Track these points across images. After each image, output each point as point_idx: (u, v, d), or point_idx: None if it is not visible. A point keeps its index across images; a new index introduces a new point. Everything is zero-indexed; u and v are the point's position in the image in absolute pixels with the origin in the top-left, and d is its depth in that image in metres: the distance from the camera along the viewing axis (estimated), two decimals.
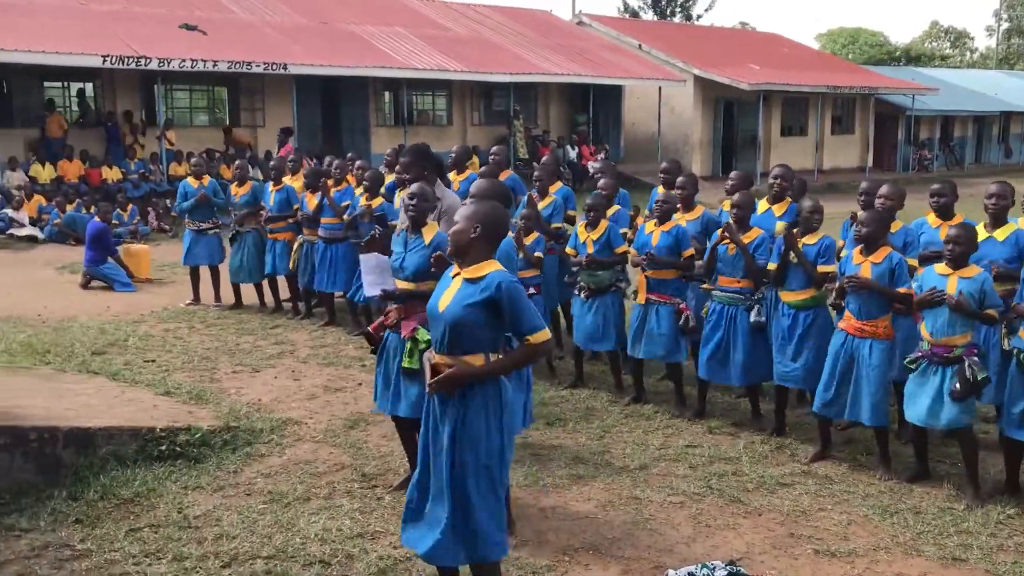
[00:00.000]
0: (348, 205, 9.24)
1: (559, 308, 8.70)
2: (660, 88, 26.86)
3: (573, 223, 8.38)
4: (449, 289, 3.86)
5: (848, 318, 5.77)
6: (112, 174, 18.22)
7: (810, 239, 6.13)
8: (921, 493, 5.52)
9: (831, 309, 6.30)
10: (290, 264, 9.76)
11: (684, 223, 7.07)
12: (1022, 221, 6.07)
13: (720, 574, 4.35)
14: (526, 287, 7.20)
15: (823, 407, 5.89)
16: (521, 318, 3.73)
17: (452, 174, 9.31)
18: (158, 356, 8.27)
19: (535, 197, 8.14)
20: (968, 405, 5.30)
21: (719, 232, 6.52)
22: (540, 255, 7.33)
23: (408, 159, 6.29)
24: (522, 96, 25.73)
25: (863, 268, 5.65)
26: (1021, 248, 5.80)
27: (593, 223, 7.23)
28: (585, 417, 6.89)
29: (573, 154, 25.53)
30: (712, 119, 29.11)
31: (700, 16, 49.55)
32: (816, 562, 4.69)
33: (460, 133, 25.52)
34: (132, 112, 20.11)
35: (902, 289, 5.53)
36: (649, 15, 48.37)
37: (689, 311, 6.82)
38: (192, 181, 10.63)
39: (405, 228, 5.16)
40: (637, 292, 7.05)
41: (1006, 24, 70.96)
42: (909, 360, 5.47)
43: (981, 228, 5.93)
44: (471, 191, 5.02)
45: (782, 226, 6.73)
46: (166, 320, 9.89)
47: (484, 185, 5.05)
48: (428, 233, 5.04)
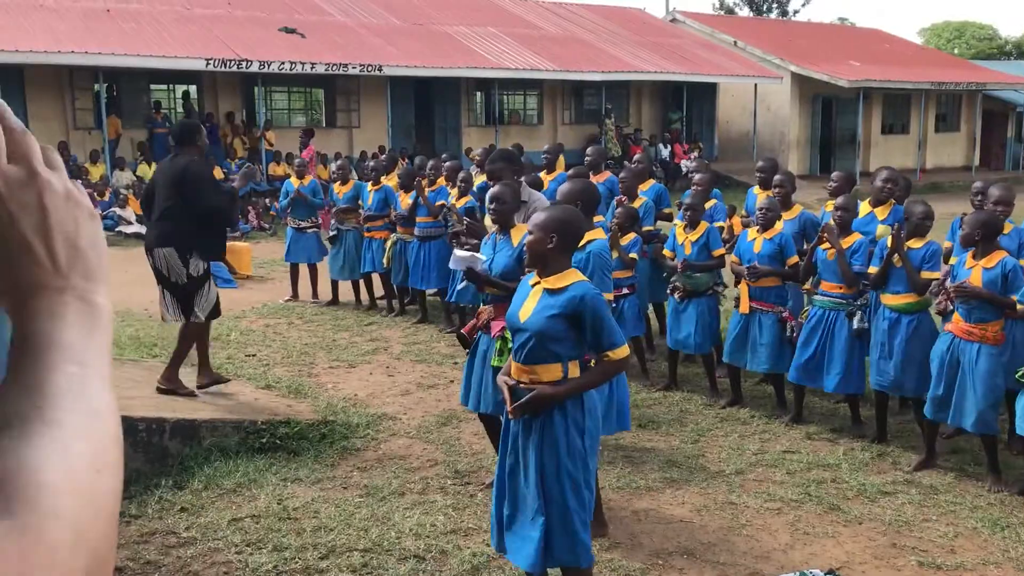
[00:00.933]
0: (443, 205, 9.34)
1: (651, 310, 8.61)
2: (756, 85, 26.38)
3: (669, 219, 8.29)
4: (530, 298, 3.80)
5: (957, 320, 5.54)
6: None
7: (916, 243, 5.89)
8: None
9: (935, 316, 6.06)
10: (384, 261, 9.92)
11: (783, 223, 6.91)
12: None
13: None
14: (620, 288, 7.22)
15: (933, 411, 5.67)
16: (601, 333, 3.65)
17: (543, 173, 9.35)
18: (258, 351, 8.51)
19: (623, 201, 8.08)
20: None
21: (819, 234, 6.36)
22: (635, 256, 7.27)
23: (493, 165, 6.36)
24: (613, 95, 25.59)
25: (974, 273, 5.43)
26: None
27: (692, 223, 7.14)
28: (679, 420, 6.81)
29: (666, 152, 25.27)
30: (809, 117, 28.41)
31: (797, 12, 48.58)
32: (920, 575, 4.53)
33: (551, 132, 25.53)
34: (233, 113, 20.74)
35: (1014, 298, 5.28)
36: (745, 11, 47.64)
37: (793, 319, 6.66)
38: (294, 180, 10.92)
39: (494, 231, 5.19)
40: (738, 299, 6.91)
41: None
42: (1020, 374, 5.22)
43: None
44: (558, 193, 5.01)
45: (883, 229, 6.52)
46: (266, 316, 10.17)
47: (571, 187, 5.01)
48: (516, 235, 5.04)
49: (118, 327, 9.24)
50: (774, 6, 48.36)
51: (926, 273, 5.82)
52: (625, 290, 7.28)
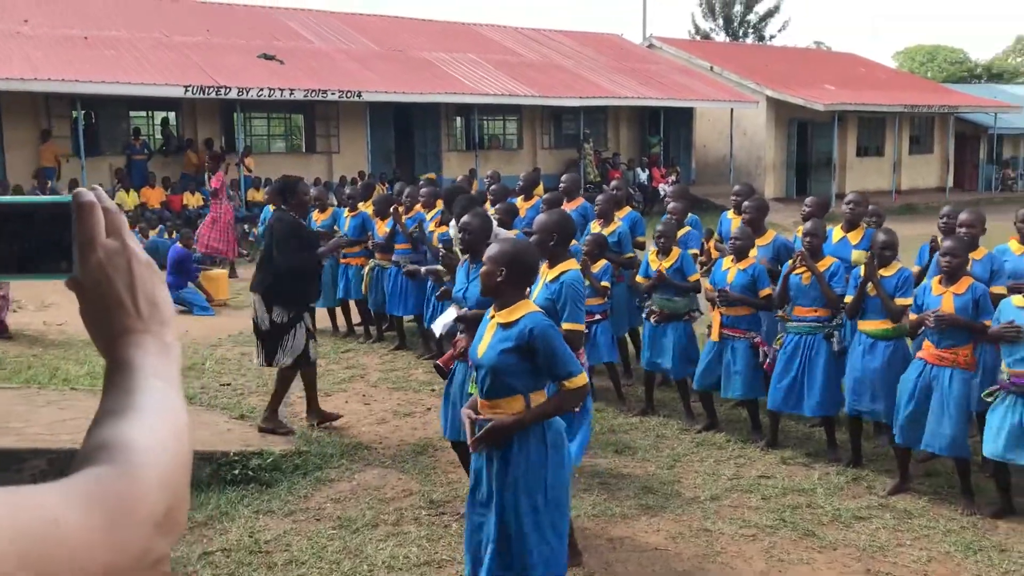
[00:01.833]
0: (419, 226, 9.33)
1: (627, 336, 8.63)
2: (732, 110, 26.62)
3: (643, 249, 8.33)
4: (486, 333, 3.82)
5: (927, 347, 5.59)
6: (193, 200, 18.75)
7: (888, 271, 5.93)
8: (1007, 529, 5.31)
9: (909, 340, 6.10)
10: (363, 288, 9.89)
11: (756, 249, 6.96)
12: None
13: None
14: (592, 315, 7.24)
15: (903, 437, 5.71)
16: (555, 362, 3.65)
17: (519, 200, 9.37)
18: (233, 380, 8.45)
19: (599, 225, 8.12)
20: None
21: (791, 261, 6.40)
22: (607, 284, 7.29)
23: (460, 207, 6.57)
24: (592, 119, 25.75)
25: (945, 299, 5.48)
26: None
27: (664, 250, 7.17)
28: (655, 445, 6.81)
29: (644, 177, 25.42)
30: (785, 140, 28.69)
31: (773, 37, 49.18)
32: None
33: (530, 157, 25.65)
34: (212, 139, 20.71)
35: (987, 322, 5.33)
36: (721, 37, 48.15)
37: (766, 345, 6.69)
38: (273, 208, 10.89)
39: (467, 258, 5.21)
40: (711, 326, 6.94)
41: None
42: (987, 392, 5.27)
43: None
44: (534, 224, 5.03)
45: (858, 255, 6.57)
46: (242, 344, 10.10)
47: (546, 219, 5.03)
48: None
49: (92, 356, 9.16)
50: (750, 31, 48.97)
51: (900, 300, 5.86)
52: (598, 316, 7.31)
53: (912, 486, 5.92)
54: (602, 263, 7.33)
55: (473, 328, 5.15)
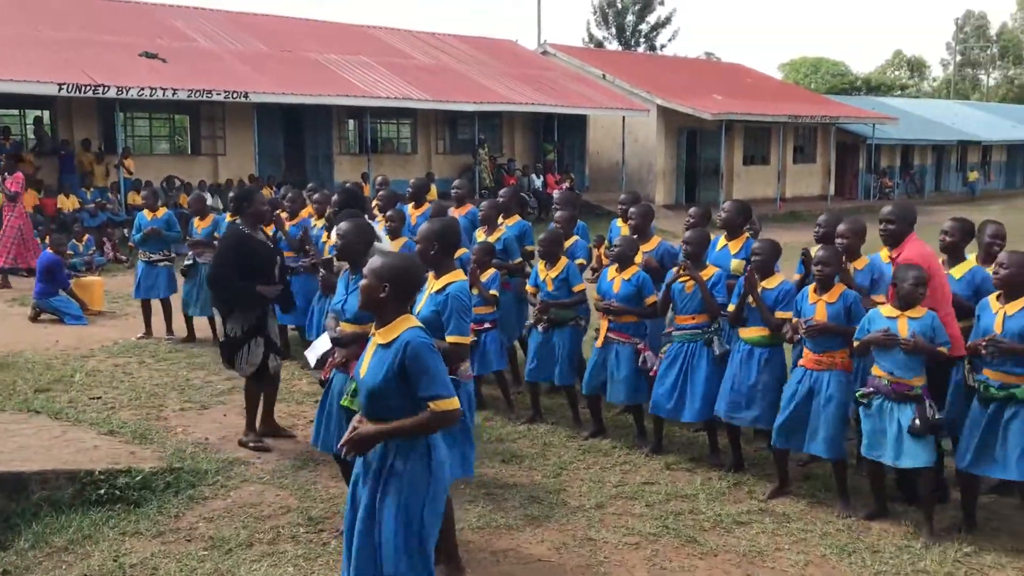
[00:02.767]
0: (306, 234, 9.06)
1: (516, 343, 8.58)
2: (624, 118, 27.02)
3: (532, 257, 8.29)
4: (367, 353, 3.67)
5: (807, 354, 5.71)
6: (68, 203, 17.90)
7: (770, 283, 6.02)
8: (879, 531, 5.44)
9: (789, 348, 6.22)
10: None
11: (641, 255, 7.00)
12: (973, 255, 6.05)
13: None
14: (482, 323, 7.16)
15: (781, 440, 5.80)
16: (421, 381, 3.50)
17: (410, 207, 9.22)
18: (104, 393, 8.03)
19: (483, 232, 8.06)
20: (930, 445, 5.23)
21: (675, 270, 6.45)
22: (495, 292, 7.22)
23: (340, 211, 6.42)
24: (487, 125, 25.76)
25: (818, 308, 5.60)
26: (977, 286, 5.69)
27: (551, 260, 7.14)
28: (542, 454, 6.76)
29: (539, 183, 25.55)
30: (675, 149, 29.32)
31: (664, 46, 50.31)
32: None
33: (425, 161, 25.49)
34: (90, 140, 19.84)
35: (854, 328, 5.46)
36: (613, 45, 48.97)
37: (648, 351, 6.72)
38: (147, 213, 10.46)
39: (347, 268, 5.05)
40: (598, 331, 6.95)
41: (959, 56, 72.76)
42: (860, 394, 5.41)
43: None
44: (418, 233, 4.89)
45: (737, 264, 6.66)
46: (116, 355, 9.65)
47: (428, 228, 4.88)
48: None
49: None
50: (642, 41, 49.95)
51: (780, 314, 5.93)
52: (487, 325, 7.23)
53: (791, 489, 6.03)
54: (490, 272, 7.26)
55: (348, 345, 5.00)
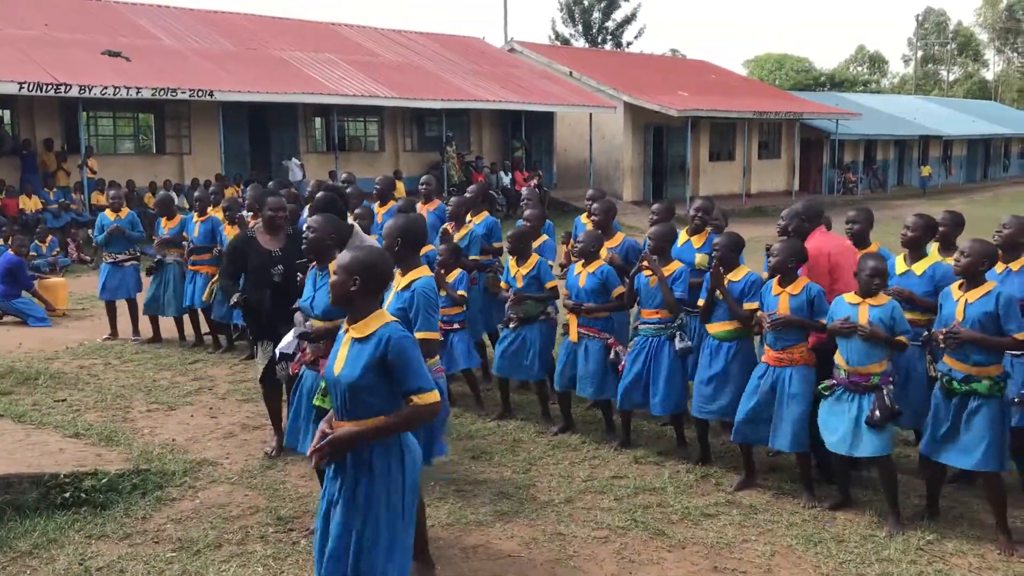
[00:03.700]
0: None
1: (486, 338, 8.60)
2: (591, 115, 27.10)
3: (500, 254, 8.32)
4: (342, 349, 3.63)
5: (767, 350, 5.78)
6: (31, 204, 17.65)
7: (735, 275, 6.08)
8: (844, 521, 5.52)
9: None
10: (204, 296, 9.45)
11: (606, 251, 7.04)
12: (934, 250, 6.14)
13: None
14: (451, 324, 7.17)
15: (743, 435, 5.87)
16: (406, 375, 3.51)
17: (376, 205, 9.20)
18: (69, 395, 7.94)
19: (451, 228, 8.06)
20: (887, 434, 5.32)
21: (640, 262, 6.50)
22: (463, 293, 7.24)
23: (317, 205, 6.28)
24: (455, 122, 25.72)
25: (781, 300, 5.67)
26: (938, 282, 5.74)
27: (522, 256, 7.17)
28: (511, 450, 6.78)
29: (507, 180, 25.57)
30: (642, 145, 29.47)
31: (630, 43, 50.53)
32: None
33: (392, 159, 25.40)
34: (53, 140, 19.56)
35: (822, 320, 5.54)
36: (580, 42, 49.09)
37: (619, 345, 6.76)
38: (110, 214, 10.35)
39: (314, 266, 5.04)
40: (567, 326, 6.98)
41: (920, 52, 73.85)
42: (823, 386, 5.49)
43: (901, 261, 5.96)
44: (383, 229, 4.88)
45: (701, 258, 6.73)
46: (81, 356, 9.54)
47: (393, 224, 4.88)
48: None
49: None
50: (608, 38, 50.13)
51: (747, 304, 6.00)
52: (456, 325, 7.25)
53: (758, 481, 6.10)
54: (456, 272, 7.27)
55: (318, 341, 4.99)
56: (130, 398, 7.93)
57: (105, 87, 17.56)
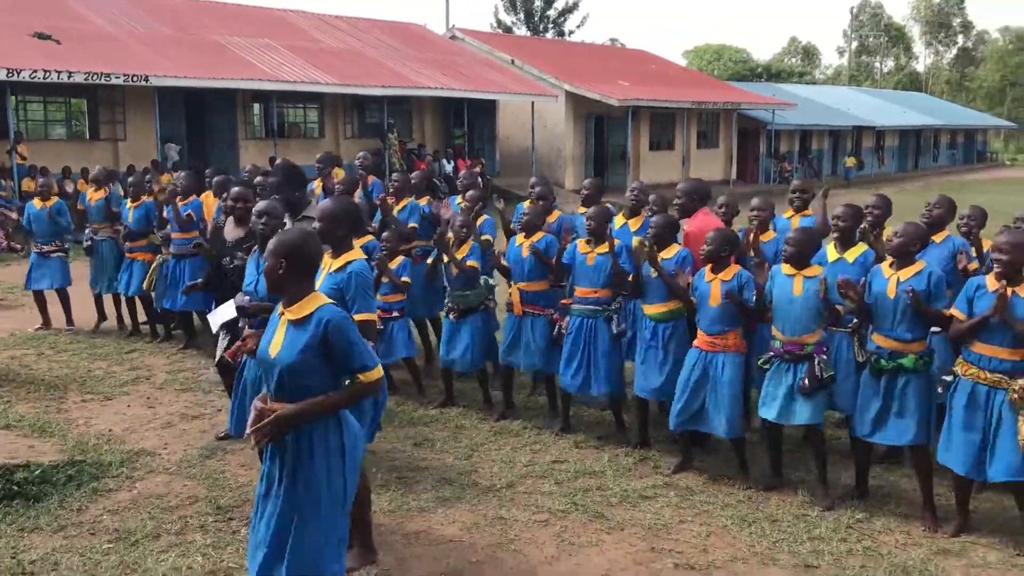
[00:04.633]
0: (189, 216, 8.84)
1: (428, 322, 8.62)
2: (533, 103, 27.15)
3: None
4: (278, 332, 3.61)
5: (700, 335, 5.89)
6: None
7: (667, 253, 6.20)
8: (777, 501, 5.67)
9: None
10: (144, 284, 9.28)
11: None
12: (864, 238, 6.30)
13: None
14: (391, 311, 7.16)
15: (679, 423, 5.98)
16: (351, 355, 3.53)
17: (317, 183, 9.17)
18: (0, 386, 7.75)
19: (391, 201, 8.13)
20: (819, 404, 5.49)
21: (578, 242, 6.56)
22: (407, 280, 7.24)
23: (269, 178, 6.21)
24: (396, 110, 25.57)
25: (713, 286, 5.78)
26: (869, 267, 5.90)
27: (459, 240, 7.18)
28: (454, 436, 6.81)
29: (449, 168, 25.51)
30: (584, 134, 29.63)
31: (572, 32, 50.62)
32: None
33: (333, 146, 25.15)
34: None
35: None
36: (522, 31, 49.06)
37: (563, 320, 6.81)
38: (37, 202, 10.08)
39: (256, 250, 5.00)
40: (511, 303, 7.02)
41: (855, 43, 75.41)
42: (762, 361, 5.64)
43: (832, 249, 6.08)
44: (317, 212, 4.86)
45: (639, 241, 6.82)
46: (12, 347, 9.32)
47: (326, 206, 4.87)
48: None
49: None
50: (550, 26, 50.17)
51: (678, 273, 6.09)
52: (396, 313, 7.25)
53: (694, 464, 6.22)
54: (399, 259, 7.27)
55: (258, 321, 4.95)
56: (64, 388, 7.78)
57: (35, 71, 17.10)
